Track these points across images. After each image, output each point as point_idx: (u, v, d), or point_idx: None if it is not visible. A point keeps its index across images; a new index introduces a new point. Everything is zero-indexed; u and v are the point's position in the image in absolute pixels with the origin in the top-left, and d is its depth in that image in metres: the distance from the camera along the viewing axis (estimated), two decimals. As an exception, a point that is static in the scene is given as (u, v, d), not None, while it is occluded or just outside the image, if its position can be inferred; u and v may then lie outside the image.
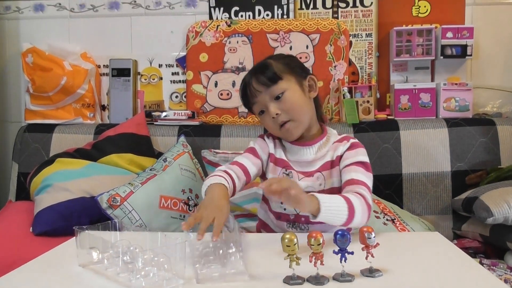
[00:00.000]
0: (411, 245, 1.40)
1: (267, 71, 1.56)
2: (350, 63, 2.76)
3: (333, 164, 1.60)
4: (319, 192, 1.53)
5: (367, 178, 1.53)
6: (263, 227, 1.76)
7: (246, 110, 1.80)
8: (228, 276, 1.09)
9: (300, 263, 1.03)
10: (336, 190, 1.57)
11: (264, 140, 1.71)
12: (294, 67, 1.63)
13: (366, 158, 1.58)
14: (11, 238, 2.02)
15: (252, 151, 1.68)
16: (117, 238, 1.26)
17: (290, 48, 2.71)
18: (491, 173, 2.34)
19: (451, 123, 2.50)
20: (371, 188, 1.51)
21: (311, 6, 2.80)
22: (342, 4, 2.78)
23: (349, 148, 1.59)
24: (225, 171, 1.56)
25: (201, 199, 2.19)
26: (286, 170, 1.62)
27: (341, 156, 1.59)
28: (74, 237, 1.21)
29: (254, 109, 1.63)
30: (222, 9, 2.85)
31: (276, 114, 1.55)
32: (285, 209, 1.62)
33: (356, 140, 1.64)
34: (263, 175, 1.71)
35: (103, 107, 2.92)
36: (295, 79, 1.60)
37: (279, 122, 1.56)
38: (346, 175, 1.53)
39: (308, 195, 1.32)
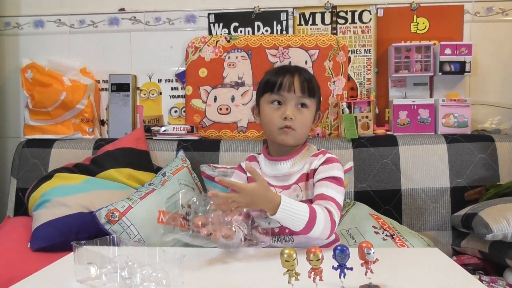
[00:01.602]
0: (410, 261, 1.40)
1: (311, 82, 1.65)
2: (349, 78, 2.77)
3: (308, 176, 1.65)
4: None
5: (338, 193, 1.57)
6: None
7: (245, 125, 1.82)
8: None
9: (299, 278, 1.03)
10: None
11: (241, 168, 1.80)
12: (319, 96, 1.74)
13: (339, 173, 1.62)
14: (9, 254, 2.00)
15: (239, 168, 1.80)
16: (115, 254, 1.25)
17: (289, 63, 2.72)
18: (490, 190, 2.33)
19: (450, 139, 2.50)
20: (341, 203, 1.57)
21: (310, 22, 2.82)
22: (341, 21, 2.80)
23: (324, 163, 1.64)
24: None
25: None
26: None
27: (315, 170, 1.63)
28: (72, 253, 1.21)
29: (272, 97, 1.65)
30: (221, 24, 2.87)
31: (291, 118, 1.60)
32: (269, 223, 1.64)
33: (332, 155, 1.68)
34: None
35: (102, 122, 2.92)
36: (315, 106, 1.70)
37: (286, 124, 1.61)
38: (317, 189, 1.58)
39: (273, 197, 1.41)
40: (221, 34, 2.86)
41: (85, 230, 2.09)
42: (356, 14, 2.79)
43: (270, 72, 1.72)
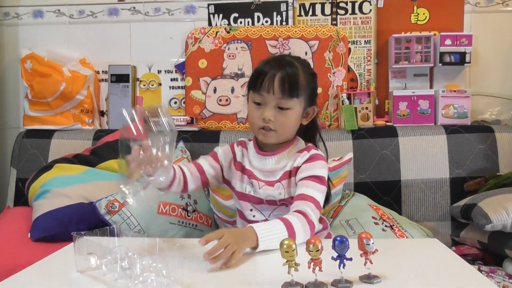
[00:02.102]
0: (410, 252, 1.40)
1: (293, 83, 1.54)
2: (349, 69, 2.76)
3: (290, 174, 1.61)
4: (280, 201, 1.60)
5: (319, 192, 1.54)
6: None
7: (245, 116, 1.80)
8: None
9: (299, 269, 1.03)
10: None
11: (233, 148, 1.72)
12: (311, 90, 1.64)
13: (322, 172, 1.59)
14: (9, 244, 2.01)
15: (213, 155, 1.71)
16: (115, 244, 1.25)
17: (289, 54, 2.71)
18: (489, 180, 2.34)
19: (449, 130, 2.50)
20: (321, 202, 1.54)
21: (310, 13, 2.81)
22: (341, 11, 2.79)
23: (307, 160, 1.60)
24: (179, 166, 1.62)
25: (199, 205, 2.20)
26: (249, 179, 1.64)
27: (297, 168, 1.60)
28: (72, 243, 1.21)
29: (254, 96, 1.59)
30: (221, 15, 2.86)
31: (269, 120, 1.55)
32: (254, 216, 1.66)
33: (317, 152, 1.64)
34: (226, 182, 1.73)
35: (102, 113, 2.92)
36: (303, 104, 1.61)
37: (265, 125, 1.56)
38: (299, 189, 1.55)
39: (248, 231, 1.33)
40: (221, 25, 2.85)
41: (85, 220, 2.09)
42: (356, 4, 2.78)
43: (258, 66, 1.63)
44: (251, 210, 1.66)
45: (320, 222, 1.64)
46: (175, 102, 2.89)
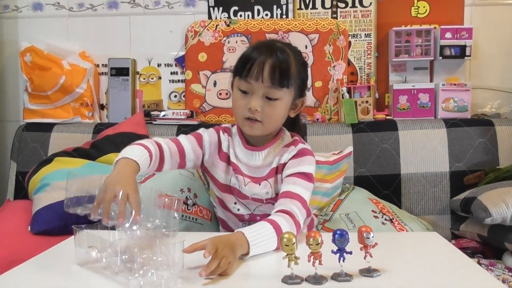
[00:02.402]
0: (410, 245, 1.40)
1: (283, 72, 1.44)
2: (349, 63, 2.76)
3: (277, 170, 1.55)
4: (266, 200, 1.54)
5: (306, 190, 1.48)
6: (225, 228, 1.72)
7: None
8: None
9: (299, 262, 1.03)
10: None
11: (219, 134, 1.61)
12: (302, 80, 1.55)
13: (309, 168, 1.52)
14: (9, 237, 2.01)
15: (198, 138, 1.58)
16: (115, 237, 1.25)
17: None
18: (489, 174, 2.34)
19: (449, 123, 2.50)
20: (307, 200, 1.48)
21: (310, 6, 2.80)
22: (341, 4, 2.78)
23: (294, 156, 1.53)
24: (158, 144, 1.48)
25: (199, 198, 2.20)
26: (235, 174, 1.57)
27: (284, 164, 1.53)
28: (73, 236, 1.21)
29: (240, 83, 1.49)
30: (221, 8, 2.85)
31: (256, 110, 1.45)
32: (238, 210, 1.61)
33: (305, 146, 1.57)
34: (203, 168, 1.63)
35: (101, 107, 2.92)
36: (293, 94, 1.52)
37: (251, 116, 1.46)
38: (285, 186, 1.48)
39: (239, 238, 1.23)
40: (220, 18, 2.84)
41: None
42: (357, -2, 2.78)
43: (246, 50, 1.53)
44: (235, 203, 1.60)
45: None
46: (175, 96, 2.89)
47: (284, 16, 2.83)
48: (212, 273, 1.08)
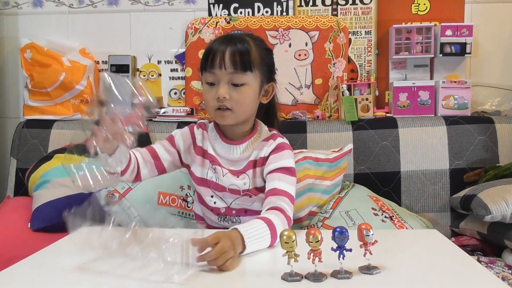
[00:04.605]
0: (409, 243, 1.40)
1: (244, 56, 1.49)
2: (349, 60, 2.76)
3: (256, 164, 1.58)
4: (243, 191, 1.57)
5: (291, 185, 1.52)
6: (199, 222, 1.74)
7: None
8: None
9: (299, 260, 1.03)
10: (261, 190, 1.57)
11: (193, 131, 1.65)
12: (267, 65, 1.59)
13: (290, 162, 1.56)
14: (9, 234, 2.02)
15: (170, 139, 1.64)
16: (115, 232, 1.24)
17: (289, 45, 2.71)
18: (489, 171, 2.34)
19: (449, 121, 2.50)
20: (293, 195, 1.51)
21: (311, 3, 2.80)
22: (342, 2, 2.78)
23: (274, 150, 1.57)
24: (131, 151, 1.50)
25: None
26: (212, 165, 1.60)
27: (264, 158, 1.57)
28: (72, 234, 1.21)
29: (206, 76, 1.53)
30: (221, 5, 2.85)
31: (224, 97, 1.48)
32: (215, 203, 1.63)
33: (283, 140, 1.61)
34: (185, 166, 1.67)
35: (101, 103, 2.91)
36: (260, 79, 1.55)
37: (221, 105, 1.49)
38: (270, 183, 1.51)
39: (237, 236, 1.23)
40: (221, 15, 2.84)
41: (85, 211, 2.10)
42: (357, -5, 2.78)
43: (208, 44, 1.57)
44: (211, 196, 1.62)
45: None
46: (175, 93, 2.89)
47: (284, 13, 2.82)
48: (211, 263, 1.11)
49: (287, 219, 1.41)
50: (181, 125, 2.59)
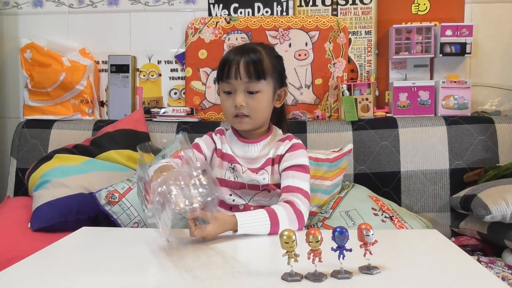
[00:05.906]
0: (409, 243, 1.40)
1: (257, 65, 1.59)
2: (349, 60, 2.76)
3: (274, 161, 1.67)
4: (262, 186, 1.64)
5: (305, 181, 1.60)
6: None
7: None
8: None
9: (298, 260, 1.03)
10: (279, 186, 1.64)
11: (212, 137, 1.76)
12: (279, 72, 1.70)
13: (304, 160, 1.65)
14: (9, 234, 2.01)
15: (196, 146, 1.72)
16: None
17: (290, 45, 2.71)
18: (489, 171, 2.34)
19: (449, 121, 2.50)
20: (308, 191, 1.59)
21: (311, 3, 2.80)
22: (342, 2, 2.78)
23: (289, 149, 1.67)
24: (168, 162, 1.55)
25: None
26: (231, 164, 1.69)
27: (281, 156, 1.67)
28: (72, 234, 1.21)
29: (223, 86, 1.65)
30: (221, 5, 2.85)
31: (241, 105, 1.60)
32: (233, 200, 1.69)
33: (298, 141, 1.71)
34: None
35: (101, 103, 2.92)
36: (273, 85, 1.66)
37: (238, 112, 1.61)
38: (285, 180, 1.61)
39: (230, 216, 1.40)
40: (221, 15, 2.84)
41: (85, 211, 2.10)
42: (357, -5, 2.78)
43: (223, 56, 1.68)
44: (230, 195, 1.69)
45: None
46: (175, 93, 2.89)
47: (284, 13, 2.82)
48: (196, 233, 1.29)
49: (296, 212, 1.49)
50: (181, 125, 2.59)
